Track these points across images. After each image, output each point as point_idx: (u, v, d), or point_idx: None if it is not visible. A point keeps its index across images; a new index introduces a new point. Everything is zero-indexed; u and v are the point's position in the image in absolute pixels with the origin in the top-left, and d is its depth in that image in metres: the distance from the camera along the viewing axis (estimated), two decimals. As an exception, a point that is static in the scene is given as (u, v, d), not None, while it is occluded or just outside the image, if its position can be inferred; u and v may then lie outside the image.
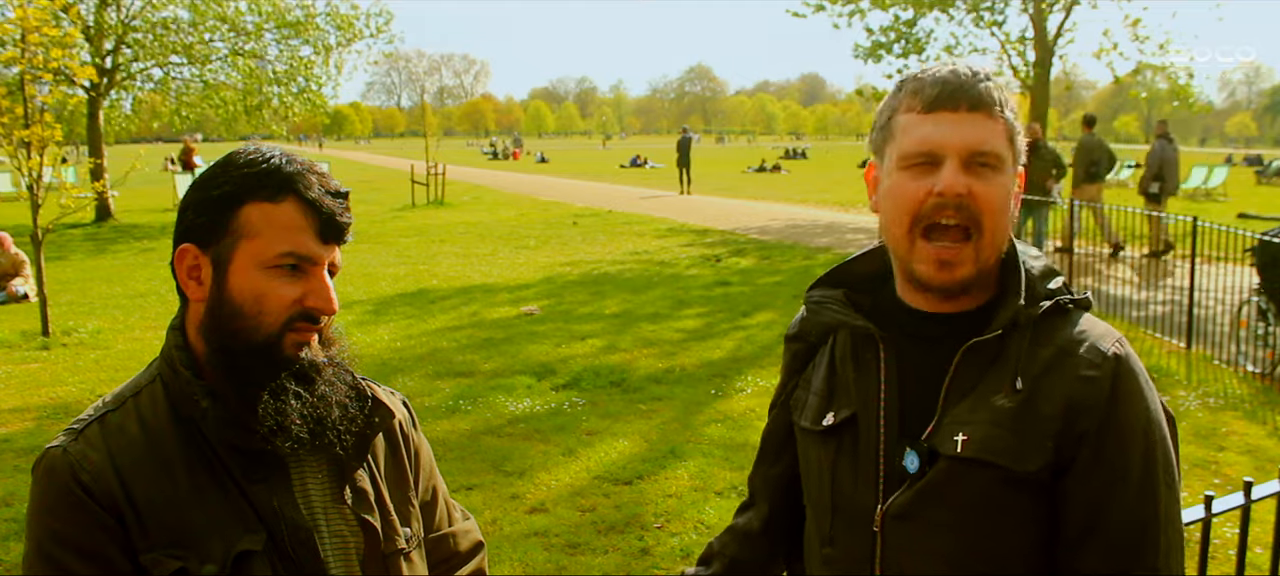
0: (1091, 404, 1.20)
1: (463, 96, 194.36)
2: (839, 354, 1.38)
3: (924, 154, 1.23)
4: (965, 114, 1.22)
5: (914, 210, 1.23)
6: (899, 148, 1.26)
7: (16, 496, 4.84)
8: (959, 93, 1.22)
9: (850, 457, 1.30)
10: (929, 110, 1.24)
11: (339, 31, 21.24)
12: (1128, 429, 1.21)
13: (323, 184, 1.26)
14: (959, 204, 1.21)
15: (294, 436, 1.23)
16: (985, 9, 18.77)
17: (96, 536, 1.18)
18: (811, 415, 1.38)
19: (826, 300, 1.37)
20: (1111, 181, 30.63)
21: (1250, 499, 2.16)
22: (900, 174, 1.25)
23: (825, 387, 1.37)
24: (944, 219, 1.22)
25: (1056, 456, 1.20)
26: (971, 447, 1.21)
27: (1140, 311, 9.44)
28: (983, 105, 1.23)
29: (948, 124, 1.22)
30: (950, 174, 1.21)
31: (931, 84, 1.24)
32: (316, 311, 1.25)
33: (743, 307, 9.80)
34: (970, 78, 1.24)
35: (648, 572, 4.06)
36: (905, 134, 1.25)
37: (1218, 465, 5.28)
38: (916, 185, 1.23)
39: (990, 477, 1.20)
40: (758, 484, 1.54)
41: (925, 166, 1.23)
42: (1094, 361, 1.22)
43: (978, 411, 1.22)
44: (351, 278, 11.80)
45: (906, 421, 1.27)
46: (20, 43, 8.82)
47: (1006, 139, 1.24)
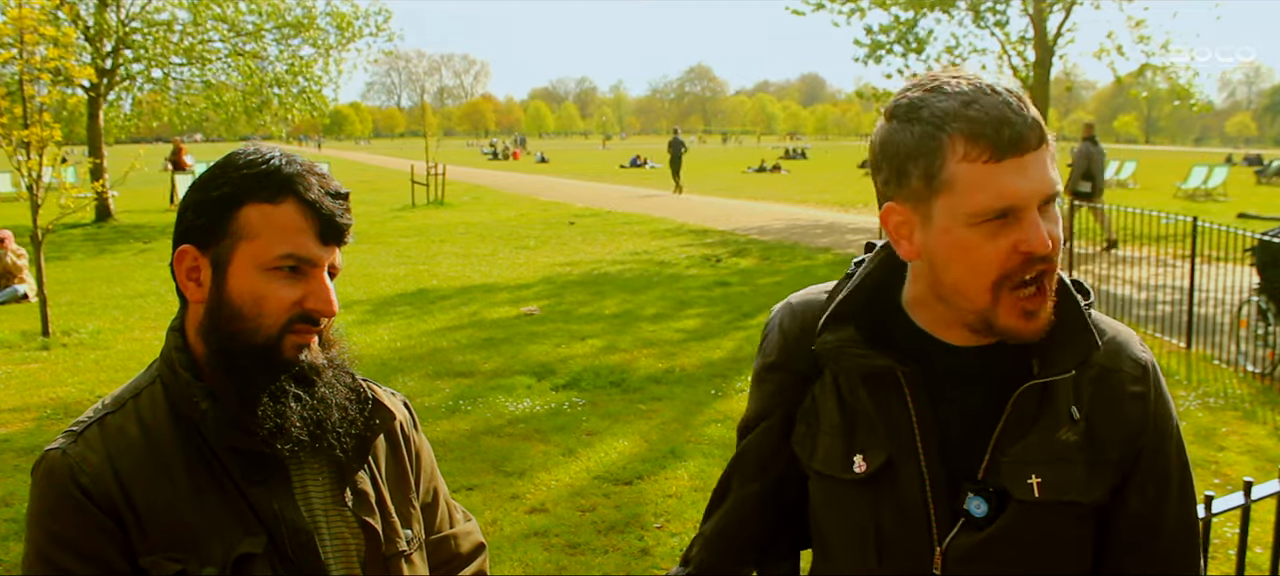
0: (1144, 420, 1.22)
1: (463, 96, 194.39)
2: (845, 386, 1.29)
3: (1002, 210, 1.11)
4: (1032, 154, 1.11)
5: (999, 272, 1.13)
6: (966, 204, 1.12)
7: (16, 496, 4.84)
8: (1027, 130, 1.10)
9: (892, 502, 1.24)
10: (999, 159, 1.10)
11: (339, 30, 21.24)
12: (1166, 434, 1.25)
13: (323, 185, 1.25)
14: (1049, 258, 1.13)
15: (294, 438, 1.23)
16: (986, 9, 18.76)
17: (96, 539, 1.17)
18: (833, 461, 1.28)
19: (846, 345, 1.26)
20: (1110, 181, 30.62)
21: (1250, 499, 2.16)
22: (971, 231, 1.13)
23: (840, 425, 1.28)
24: (1031, 274, 1.14)
25: (1117, 477, 1.22)
26: (1048, 490, 1.18)
27: (1140, 311, 9.44)
28: (1044, 137, 1.12)
29: (1023, 171, 1.10)
30: (1036, 230, 1.11)
31: (990, 124, 1.10)
32: (316, 313, 1.24)
33: (743, 308, 9.80)
34: (1022, 105, 1.11)
35: (648, 572, 4.06)
36: (976, 189, 1.11)
37: (1218, 465, 5.28)
38: (997, 244, 1.12)
39: (1064, 515, 1.20)
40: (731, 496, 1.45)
41: (1001, 221, 1.12)
42: (1136, 375, 1.23)
43: (1043, 450, 1.19)
44: (351, 278, 11.80)
45: (949, 459, 1.21)
46: (18, 43, 8.81)
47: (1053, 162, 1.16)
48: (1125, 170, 31.67)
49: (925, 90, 1.15)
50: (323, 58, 21.44)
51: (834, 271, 12.03)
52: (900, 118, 1.16)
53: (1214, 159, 40.51)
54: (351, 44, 21.64)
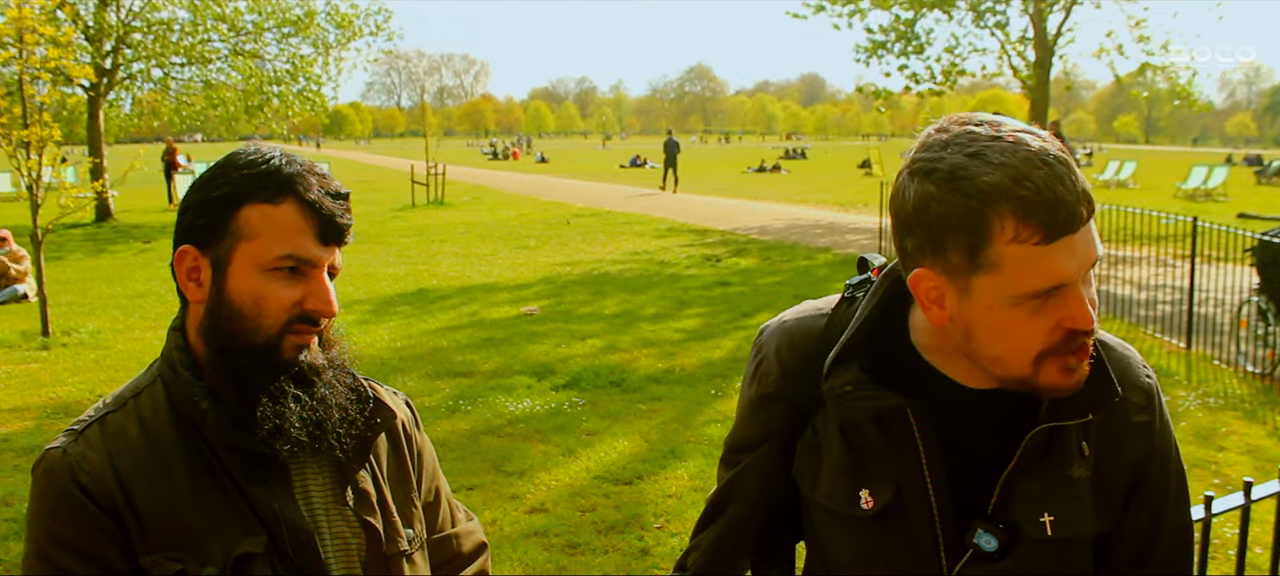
0: (1148, 449, 1.24)
1: (463, 96, 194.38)
2: (849, 424, 1.26)
3: (1049, 289, 1.07)
4: (1083, 228, 1.05)
5: (1041, 348, 1.10)
6: (1012, 286, 1.06)
7: (16, 496, 4.84)
8: (1079, 208, 1.04)
9: (901, 537, 1.23)
10: (1052, 238, 1.04)
11: (339, 29, 21.24)
12: (1167, 454, 1.26)
13: (323, 185, 1.25)
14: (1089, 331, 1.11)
15: (293, 439, 1.22)
16: (986, 9, 18.77)
17: (95, 538, 1.17)
18: (838, 497, 1.26)
19: (855, 387, 1.21)
20: (1110, 180, 30.61)
21: (1250, 499, 2.16)
22: (1014, 310, 1.08)
23: (846, 461, 1.26)
24: (1074, 345, 1.11)
25: (1122, 505, 1.24)
26: (1061, 528, 1.19)
27: (1141, 311, 9.44)
28: (1093, 206, 1.07)
29: (1071, 251, 1.05)
30: (1081, 308, 1.07)
31: (1047, 209, 1.02)
32: (316, 314, 1.24)
33: (743, 308, 9.80)
34: (1072, 178, 1.04)
35: (648, 572, 4.06)
36: (1022, 271, 1.05)
37: (1218, 465, 5.28)
38: (1039, 323, 1.09)
39: (1074, 550, 1.21)
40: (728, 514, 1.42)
41: (1046, 297, 1.07)
42: (1142, 404, 1.24)
43: (1056, 487, 1.19)
44: (351, 278, 11.80)
45: (958, 495, 1.21)
46: (17, 42, 8.81)
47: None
48: (1125, 170, 31.67)
49: (965, 153, 1.05)
50: (322, 57, 21.45)
51: (834, 271, 12.03)
52: (937, 183, 1.06)
53: (1214, 159, 40.51)
54: (351, 43, 21.65)
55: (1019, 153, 1.03)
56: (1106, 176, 31.52)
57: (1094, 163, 40.34)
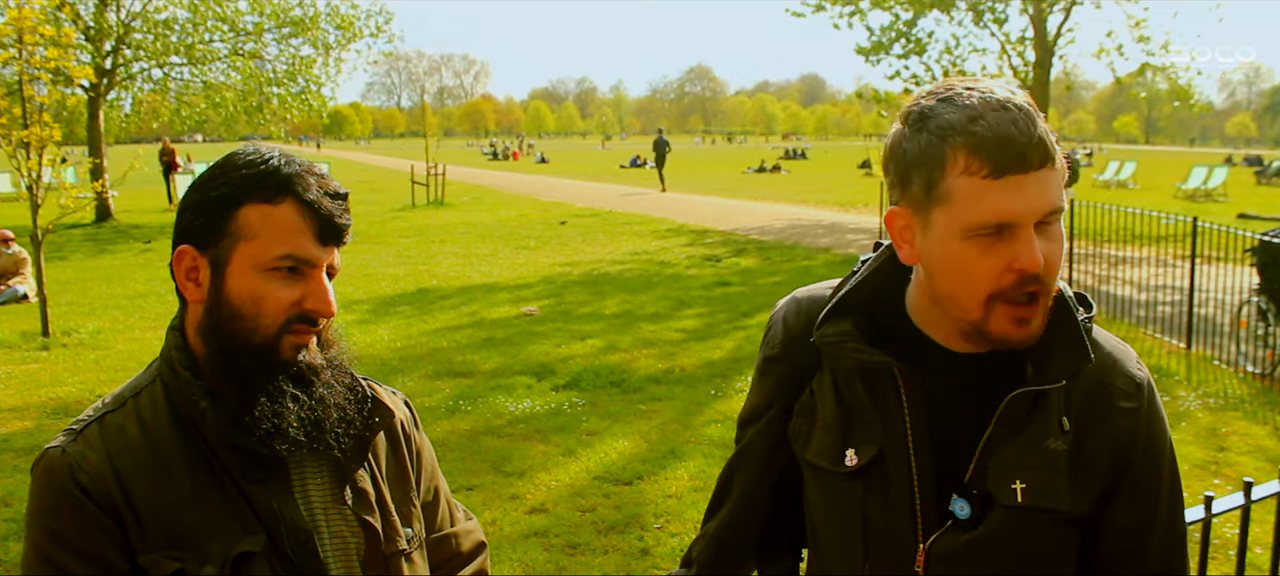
0: (1133, 437, 1.23)
1: (463, 96, 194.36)
2: (844, 382, 1.30)
3: (996, 226, 1.12)
4: (1036, 171, 1.11)
5: (990, 288, 1.15)
6: (962, 218, 1.13)
7: (16, 496, 4.84)
8: (1029, 150, 1.10)
9: (881, 498, 1.26)
10: (999, 175, 1.11)
11: (339, 31, 21.24)
12: (1158, 452, 1.25)
13: (321, 185, 1.25)
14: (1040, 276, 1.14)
15: (291, 439, 1.23)
16: (985, 9, 18.76)
17: (95, 537, 1.17)
18: (826, 453, 1.30)
19: (841, 340, 1.28)
20: (1110, 181, 30.59)
21: (1250, 499, 2.16)
22: (965, 244, 1.14)
23: (836, 419, 1.30)
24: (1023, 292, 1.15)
25: (1103, 489, 1.23)
26: (1032, 496, 1.19)
27: (1141, 312, 9.44)
28: (1050, 157, 1.12)
29: (1021, 189, 1.11)
30: (1029, 249, 1.12)
31: (994, 141, 1.10)
32: (314, 314, 1.24)
33: (743, 308, 9.80)
34: (1029, 124, 1.11)
35: (648, 572, 4.06)
36: (972, 203, 1.12)
37: (1218, 465, 5.28)
38: (989, 261, 1.14)
39: (1047, 521, 1.21)
40: (734, 492, 1.47)
41: (995, 236, 1.13)
42: (1129, 391, 1.23)
43: (1031, 456, 1.20)
44: (351, 278, 11.81)
45: (939, 460, 1.23)
46: (17, 43, 8.81)
47: (1061, 182, 1.15)
48: (1125, 170, 31.67)
49: (938, 99, 1.15)
50: (322, 58, 21.44)
51: (834, 271, 12.03)
52: (910, 124, 1.17)
53: (1214, 159, 40.50)
54: (351, 45, 21.65)
55: (983, 98, 1.12)
56: (1106, 176, 31.53)
57: (1094, 163, 40.34)
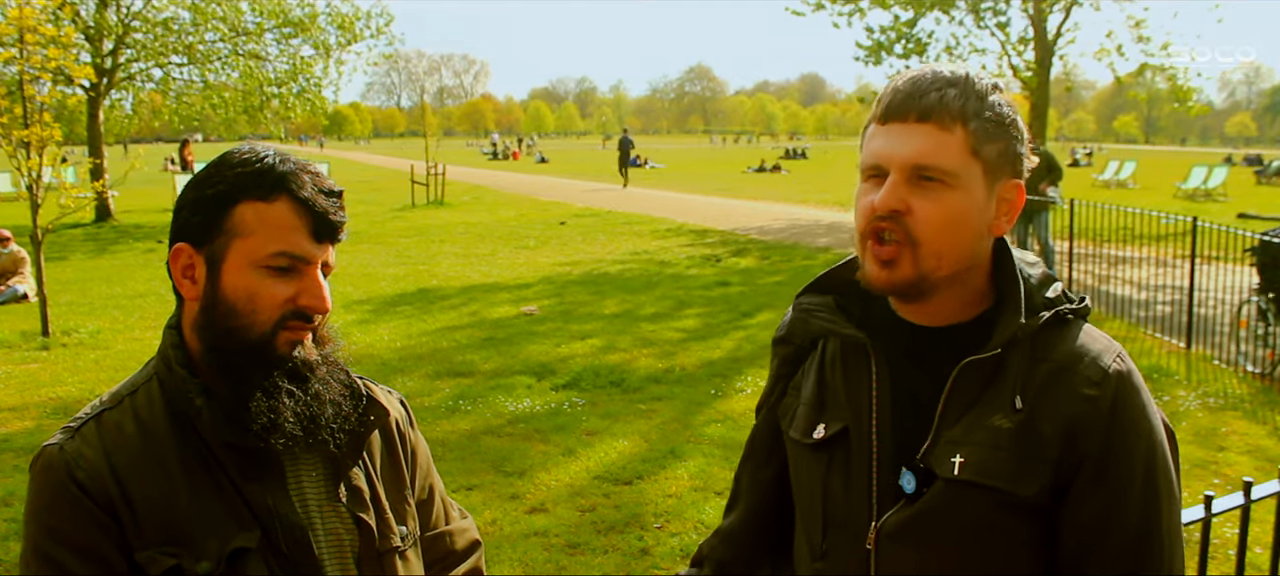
0: (1092, 426, 1.17)
1: (463, 96, 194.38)
2: (828, 362, 1.34)
3: (872, 166, 1.22)
4: (913, 125, 1.19)
5: (863, 224, 1.22)
6: (860, 159, 1.25)
7: (16, 496, 4.84)
8: (909, 101, 1.19)
9: (842, 472, 1.27)
10: (883, 121, 1.22)
11: (340, 31, 21.24)
12: (1128, 450, 1.19)
13: (316, 183, 1.26)
14: (893, 218, 1.19)
15: (287, 434, 1.23)
16: (986, 9, 18.77)
17: (92, 534, 1.18)
18: (801, 426, 1.34)
19: (816, 308, 1.34)
20: (1110, 180, 30.59)
21: (1250, 499, 2.16)
22: (861, 186, 1.25)
23: (815, 397, 1.34)
24: (884, 233, 1.20)
25: (1055, 479, 1.18)
26: (969, 470, 1.18)
27: (1141, 311, 9.44)
28: (934, 115, 1.18)
29: (894, 136, 1.20)
30: (886, 190, 1.19)
31: (889, 93, 1.22)
32: (309, 310, 1.25)
33: (743, 307, 9.80)
34: (928, 85, 1.20)
35: (648, 572, 4.06)
36: (865, 145, 1.25)
37: (1218, 465, 5.28)
38: (866, 200, 1.22)
39: (987, 501, 1.18)
40: (744, 485, 1.51)
41: (876, 178, 1.22)
42: (1094, 379, 1.19)
43: (975, 432, 1.19)
44: (351, 278, 11.81)
45: (900, 436, 1.24)
46: (18, 43, 8.81)
47: (965, 151, 1.19)
48: (1125, 170, 31.67)
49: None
50: (323, 59, 21.45)
51: (834, 271, 12.03)
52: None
53: (1214, 159, 40.50)
54: (351, 46, 21.64)
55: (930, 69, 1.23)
56: (1106, 176, 31.53)
57: (1094, 163, 40.34)
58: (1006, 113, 1.22)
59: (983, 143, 1.20)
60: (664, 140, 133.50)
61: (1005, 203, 1.24)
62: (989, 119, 1.20)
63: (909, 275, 1.20)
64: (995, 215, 1.23)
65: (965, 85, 1.20)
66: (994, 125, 1.20)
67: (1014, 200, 1.25)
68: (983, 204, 1.21)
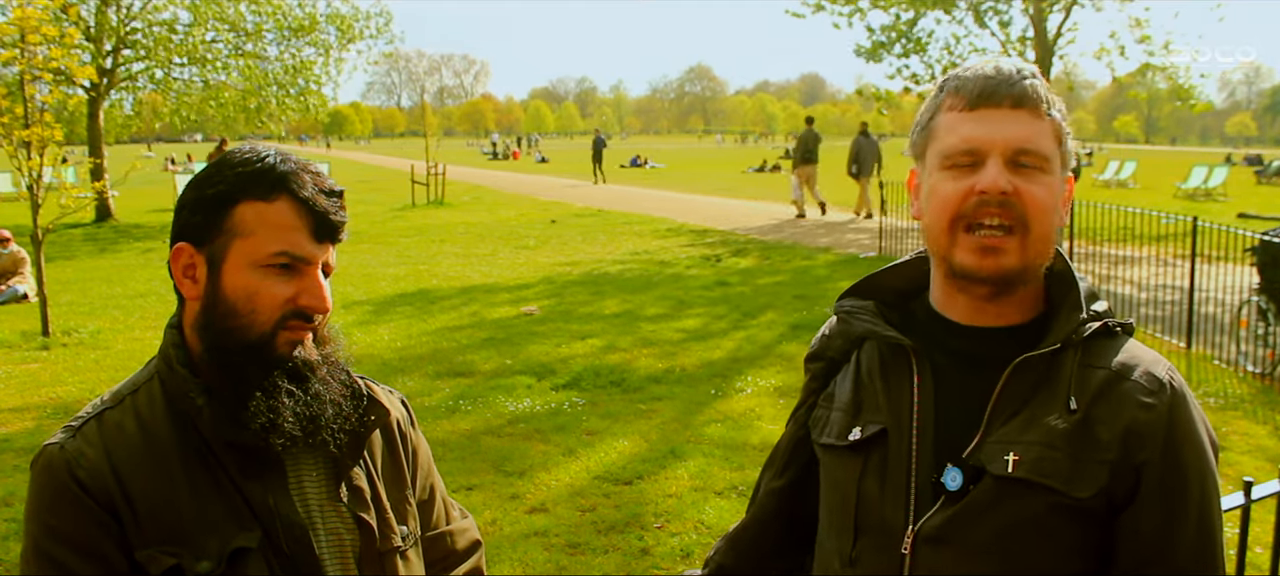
0: (1151, 433, 1.15)
1: (463, 96, 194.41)
2: (865, 368, 1.33)
3: (966, 152, 1.20)
4: (1009, 110, 1.19)
5: (955, 209, 1.19)
6: (941, 147, 1.22)
7: (16, 496, 4.84)
8: (1002, 87, 1.20)
9: (878, 474, 1.24)
10: (972, 107, 1.21)
11: (339, 32, 21.24)
12: (1187, 464, 1.17)
13: (317, 183, 1.26)
14: (1003, 202, 1.17)
15: (287, 434, 1.24)
16: (986, 9, 18.76)
17: (93, 533, 1.18)
18: (836, 431, 1.32)
19: (857, 310, 1.33)
20: (1110, 180, 30.59)
21: (1250, 499, 2.16)
22: (942, 174, 1.22)
23: (851, 402, 1.32)
24: (987, 218, 1.17)
25: (1110, 483, 1.15)
26: (1024, 467, 1.14)
27: (1141, 311, 9.44)
28: (1028, 101, 1.19)
29: (992, 121, 1.19)
30: (994, 171, 1.17)
31: (974, 81, 1.21)
32: (309, 310, 1.25)
33: (743, 307, 9.80)
34: (1015, 74, 1.21)
35: (648, 572, 4.06)
36: (948, 132, 1.22)
37: (1218, 465, 5.27)
38: (958, 185, 1.19)
39: (1040, 502, 1.14)
40: (761, 493, 1.49)
41: (968, 167, 1.20)
42: (1151, 388, 1.17)
43: (1030, 431, 1.16)
44: (351, 278, 11.81)
45: (942, 438, 1.21)
46: (20, 43, 8.81)
47: (1054, 139, 1.21)
48: (1125, 170, 31.66)
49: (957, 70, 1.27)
50: (323, 59, 21.45)
51: (834, 271, 12.03)
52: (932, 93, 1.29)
53: (1214, 159, 40.49)
54: (351, 46, 21.65)
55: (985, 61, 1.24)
56: (1106, 176, 31.52)
57: (1094, 162, 40.34)
58: (1066, 111, 1.25)
59: (1062, 134, 1.23)
60: (665, 140, 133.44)
61: (1067, 196, 1.26)
62: (1062, 111, 1.23)
63: (1015, 264, 1.19)
64: (1062, 204, 1.25)
65: (1041, 78, 1.22)
66: (1064, 118, 1.24)
67: (1070, 194, 1.27)
68: (1061, 192, 1.23)
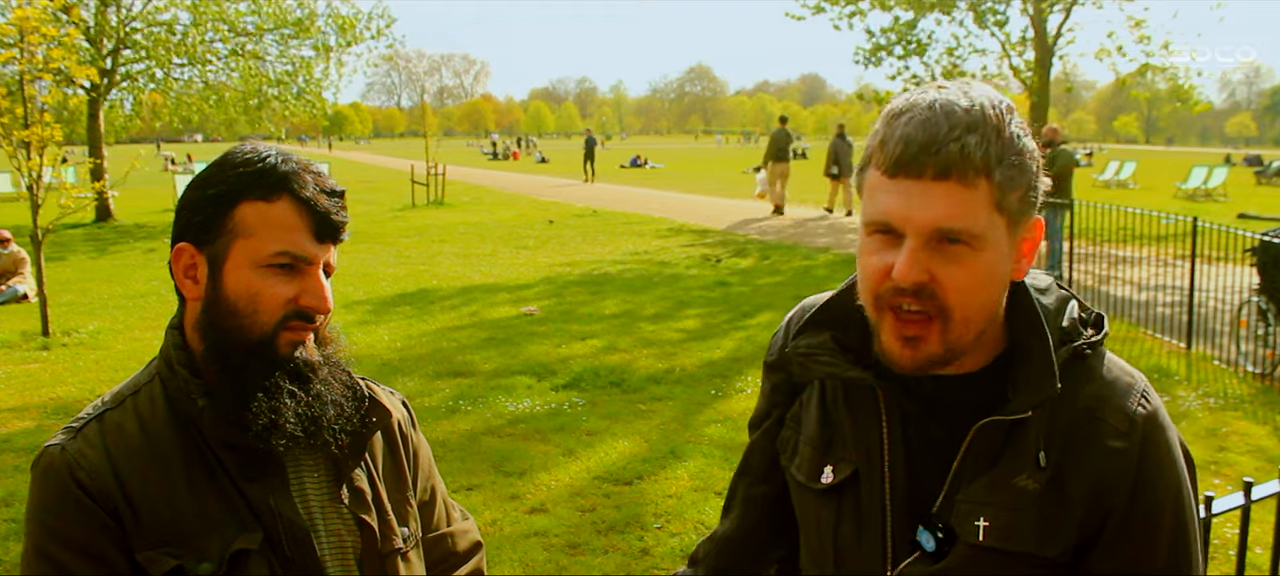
0: (1119, 480, 1.11)
1: (463, 96, 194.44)
2: (830, 397, 1.27)
3: (881, 224, 1.08)
4: (931, 182, 1.04)
5: (875, 287, 1.10)
6: (864, 209, 1.11)
7: (16, 496, 4.84)
8: (925, 154, 1.03)
9: (854, 521, 1.21)
10: (891, 175, 1.06)
11: (339, 33, 21.24)
12: (1156, 501, 1.12)
13: (318, 183, 1.25)
14: (918, 291, 1.06)
15: (288, 435, 1.23)
16: (986, 10, 18.76)
17: (93, 534, 1.18)
18: (806, 469, 1.27)
19: (815, 351, 1.22)
20: (1110, 180, 30.59)
21: (1250, 499, 2.16)
22: (866, 238, 1.11)
23: (818, 435, 1.26)
24: (905, 304, 1.08)
25: (1079, 536, 1.12)
26: (993, 536, 1.11)
27: (1141, 311, 9.44)
28: (955, 170, 1.03)
29: (910, 196, 1.05)
30: (907, 260, 1.05)
31: (898, 140, 1.05)
32: (311, 310, 1.25)
33: (743, 308, 9.80)
34: (944, 133, 1.03)
35: (648, 572, 4.06)
36: (869, 196, 1.10)
37: (1218, 465, 5.28)
38: (878, 260, 1.09)
39: (1012, 564, 1.12)
40: (739, 498, 1.47)
41: (887, 238, 1.08)
42: (1121, 429, 1.11)
43: (998, 493, 1.12)
44: (351, 278, 11.81)
45: (914, 484, 1.18)
46: (19, 43, 8.81)
47: (990, 207, 1.05)
48: (1125, 170, 31.67)
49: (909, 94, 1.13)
50: (323, 60, 21.45)
51: (834, 271, 12.03)
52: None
53: (1214, 159, 40.49)
54: (351, 47, 21.64)
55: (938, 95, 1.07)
56: (1106, 176, 31.52)
57: (1094, 163, 40.33)
58: (1026, 145, 1.08)
59: (1007, 193, 1.06)
60: (665, 140, 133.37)
61: (1027, 242, 1.13)
62: (1012, 164, 1.06)
63: (936, 351, 1.10)
64: (1017, 260, 1.13)
65: (985, 127, 1.04)
66: (1017, 169, 1.07)
67: (1035, 238, 1.14)
68: (1006, 256, 1.10)
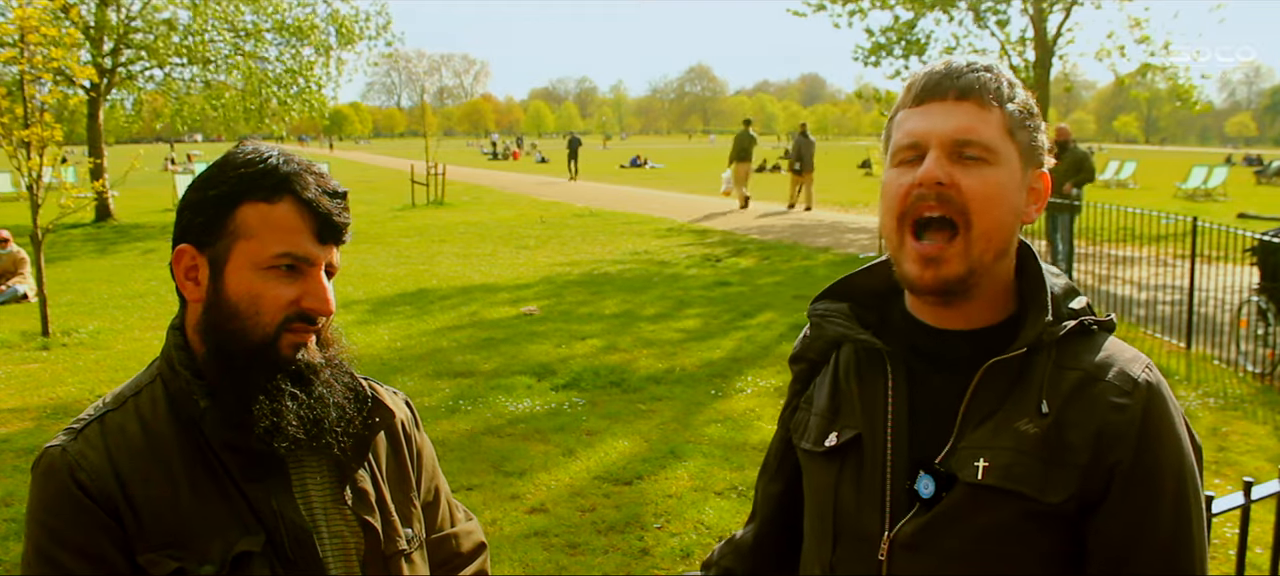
0: (1122, 434, 1.13)
1: (463, 96, 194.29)
2: (842, 371, 1.32)
3: (909, 146, 1.20)
4: (953, 103, 1.18)
5: (899, 205, 1.19)
6: (892, 144, 1.23)
7: (16, 496, 4.84)
8: (947, 80, 1.19)
9: (854, 480, 1.24)
10: (918, 102, 1.21)
11: (339, 33, 21.24)
12: (1159, 462, 1.15)
13: (320, 184, 1.25)
14: (940, 194, 1.16)
15: (290, 437, 1.23)
16: (986, 9, 18.75)
17: (94, 536, 1.17)
18: (813, 436, 1.32)
19: (831, 313, 1.32)
20: (1109, 180, 30.61)
21: (1250, 499, 2.16)
22: (892, 171, 1.22)
23: (828, 406, 1.31)
24: (927, 210, 1.17)
25: (1082, 488, 1.13)
26: (994, 475, 1.14)
27: (1141, 311, 9.44)
28: (973, 93, 1.18)
29: (934, 114, 1.19)
30: (930, 162, 1.16)
31: (923, 77, 1.22)
32: (313, 312, 1.25)
33: (743, 308, 9.80)
34: (964, 67, 1.20)
35: (648, 572, 4.06)
36: (897, 129, 1.23)
37: (1218, 465, 5.28)
38: (902, 180, 1.19)
39: (1011, 508, 1.13)
40: (758, 497, 1.49)
41: (911, 161, 1.19)
42: (1124, 388, 1.15)
43: (1000, 436, 1.15)
44: (351, 278, 11.80)
45: (916, 443, 1.21)
46: (20, 43, 8.81)
47: (1002, 130, 1.18)
48: (1125, 170, 31.67)
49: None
50: (322, 59, 21.45)
51: (834, 271, 12.03)
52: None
53: (1214, 159, 40.49)
54: (350, 47, 21.64)
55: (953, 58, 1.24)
56: (1107, 176, 31.53)
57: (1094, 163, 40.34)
58: (1032, 105, 1.23)
59: (1018, 127, 1.20)
60: (665, 140, 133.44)
61: (1035, 191, 1.24)
62: (1022, 104, 1.21)
63: (958, 270, 1.17)
64: (1027, 202, 1.23)
65: (997, 71, 1.21)
66: (1025, 113, 1.21)
67: (1042, 190, 1.25)
68: (1019, 186, 1.20)
